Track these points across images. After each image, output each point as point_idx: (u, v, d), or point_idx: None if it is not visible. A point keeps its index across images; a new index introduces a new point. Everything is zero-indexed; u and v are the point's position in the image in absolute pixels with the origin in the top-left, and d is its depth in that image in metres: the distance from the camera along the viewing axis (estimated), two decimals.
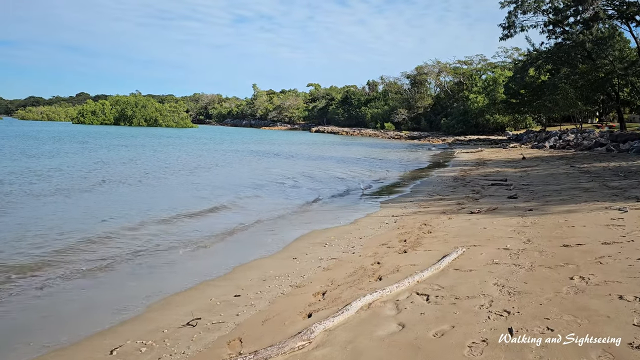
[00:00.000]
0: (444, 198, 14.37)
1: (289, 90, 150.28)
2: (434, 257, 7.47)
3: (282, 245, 9.41)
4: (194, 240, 9.71)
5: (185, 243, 9.46)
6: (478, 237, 8.62)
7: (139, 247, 9.08)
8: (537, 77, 50.15)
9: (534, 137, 46.04)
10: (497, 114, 66.33)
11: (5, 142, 38.54)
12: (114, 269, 7.78)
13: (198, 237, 9.95)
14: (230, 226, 11.11)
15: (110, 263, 8.02)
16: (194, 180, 19.58)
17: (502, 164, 25.74)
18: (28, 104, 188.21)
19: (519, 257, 7.07)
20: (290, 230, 10.78)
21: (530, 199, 12.70)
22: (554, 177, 17.71)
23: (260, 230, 10.89)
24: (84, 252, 8.64)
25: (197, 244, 9.44)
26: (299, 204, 14.51)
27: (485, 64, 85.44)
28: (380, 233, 9.87)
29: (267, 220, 11.99)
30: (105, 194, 15.41)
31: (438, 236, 8.99)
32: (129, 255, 8.53)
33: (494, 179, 18.30)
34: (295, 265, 7.79)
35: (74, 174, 19.82)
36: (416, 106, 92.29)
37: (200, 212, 12.66)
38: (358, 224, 11.18)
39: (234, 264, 8.11)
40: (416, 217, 11.37)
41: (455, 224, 10.02)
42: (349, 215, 12.56)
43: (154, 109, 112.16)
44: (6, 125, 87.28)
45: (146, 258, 8.43)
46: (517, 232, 8.78)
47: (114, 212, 12.33)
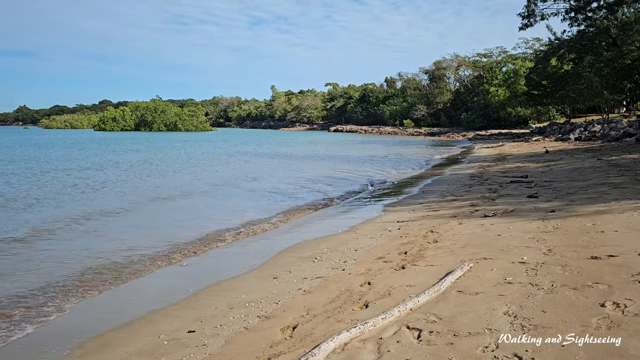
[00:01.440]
0: (457, 199, 13.10)
1: (307, 91, 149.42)
2: (436, 274, 6.28)
3: (266, 259, 8.31)
4: (166, 253, 8.66)
5: (156, 258, 8.40)
6: (490, 247, 7.39)
7: (94, 264, 8.03)
8: (560, 67, 48.16)
9: (558, 130, 44.20)
10: (519, 106, 64.30)
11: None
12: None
13: (171, 249, 8.91)
14: (213, 235, 10.05)
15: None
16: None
17: (524, 158, 24.24)
18: (53, 112, 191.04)
19: (537, 274, 5.84)
20: (279, 241, 9.67)
21: (553, 198, 11.37)
22: (580, 172, 16.27)
23: (245, 241, 9.80)
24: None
25: (171, 259, 8.39)
26: (297, 208, 13.38)
27: (505, 56, 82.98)
28: (380, 243, 8.69)
29: (255, 228, 10.91)
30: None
31: (444, 246, 7.78)
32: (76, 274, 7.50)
33: (513, 176, 16.93)
34: (273, 287, 6.67)
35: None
36: (435, 102, 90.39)
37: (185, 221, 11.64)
38: (358, 231, 10.01)
39: (204, 284, 7.04)
40: (423, 222, 10.15)
41: (465, 231, 8.79)
42: (349, 221, 11.40)
43: (173, 114, 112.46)
44: (29, 134, 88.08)
45: (104, 275, 7.41)
46: (537, 239, 7.53)
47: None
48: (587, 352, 3.78)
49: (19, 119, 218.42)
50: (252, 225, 11.21)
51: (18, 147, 45.62)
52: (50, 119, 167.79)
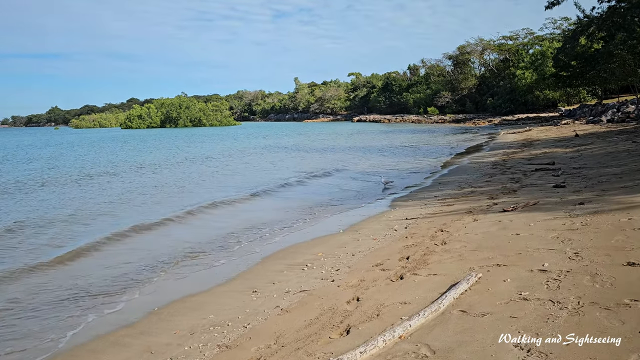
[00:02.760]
0: (476, 190, 11.94)
1: (331, 81, 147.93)
2: (438, 286, 5.26)
3: (251, 266, 7.39)
4: (153, 264, 7.79)
5: (128, 276, 7.53)
6: (505, 249, 6.31)
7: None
8: (589, 46, 45.83)
9: (589, 112, 42.17)
10: (547, 89, 61.86)
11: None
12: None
13: (156, 256, 8.04)
14: (206, 236, 9.17)
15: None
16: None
17: (552, 143, 22.78)
18: (83, 112, 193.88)
19: (560, 287, 4.77)
20: (273, 243, 8.73)
21: (582, 188, 10.15)
22: (613, 157, 14.89)
23: (238, 240, 8.87)
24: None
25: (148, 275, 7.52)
26: (302, 205, 12.42)
27: (532, 37, 79.95)
28: (381, 246, 7.67)
29: (254, 227, 10.00)
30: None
31: (453, 249, 6.72)
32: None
33: (539, 163, 15.64)
34: (248, 304, 5.73)
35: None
36: (460, 88, 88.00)
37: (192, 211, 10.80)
38: (360, 231, 8.99)
39: (170, 298, 6.15)
40: (433, 220, 9.07)
41: (479, 229, 7.70)
42: (354, 218, 10.39)
43: (197, 110, 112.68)
44: (57, 134, 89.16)
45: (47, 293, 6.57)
46: (561, 239, 6.41)
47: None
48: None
49: (51, 120, 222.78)
50: (247, 225, 10.32)
51: (43, 147, 45.71)
52: (79, 119, 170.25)
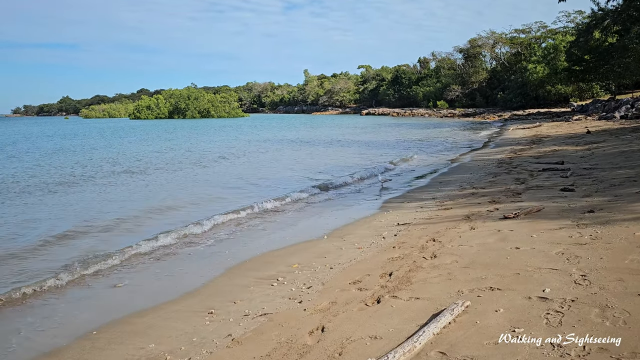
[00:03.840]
0: (477, 192, 11.08)
1: (340, 74, 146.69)
2: (418, 315, 4.47)
3: (214, 276, 6.63)
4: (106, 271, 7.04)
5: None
6: (502, 268, 5.49)
7: None
8: (604, 40, 44.56)
9: (602, 107, 40.87)
10: (559, 84, 60.54)
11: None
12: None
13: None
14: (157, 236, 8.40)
15: None
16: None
17: (562, 140, 21.78)
18: (94, 102, 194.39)
19: (563, 323, 3.95)
20: (243, 247, 7.97)
21: (593, 192, 9.26)
22: (627, 157, 13.94)
23: (201, 247, 8.07)
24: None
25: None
26: (287, 202, 11.63)
27: (545, 31, 78.29)
28: (365, 257, 6.86)
29: (224, 227, 9.23)
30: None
31: (442, 265, 5.90)
32: None
33: (547, 162, 14.72)
34: (198, 329, 4.95)
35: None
36: (470, 81, 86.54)
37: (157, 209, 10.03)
38: (346, 237, 8.18)
39: (109, 318, 5.39)
40: (427, 226, 8.23)
41: (476, 240, 6.87)
42: (342, 221, 9.57)
43: (206, 101, 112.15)
44: (66, 124, 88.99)
45: None
46: (567, 257, 5.58)
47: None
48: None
49: (62, 110, 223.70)
50: (221, 222, 9.58)
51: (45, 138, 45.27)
52: (89, 109, 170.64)
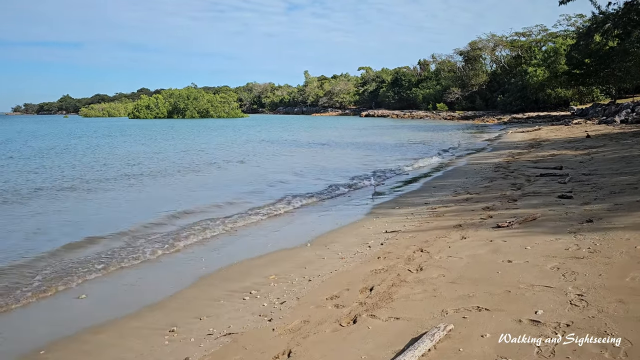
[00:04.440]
0: (471, 198, 10.62)
1: (340, 75, 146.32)
2: (396, 339, 4.01)
3: (183, 286, 6.17)
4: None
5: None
6: (492, 284, 5.03)
7: None
8: (604, 44, 44.08)
9: (602, 111, 40.47)
10: (559, 87, 60.17)
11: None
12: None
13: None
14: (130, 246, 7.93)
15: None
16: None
17: (561, 144, 21.33)
18: (94, 101, 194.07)
19: (556, 352, 3.50)
20: (218, 254, 7.49)
21: (592, 200, 8.80)
22: (627, 162, 13.50)
23: (180, 254, 7.61)
24: None
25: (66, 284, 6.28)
26: (272, 207, 11.15)
27: (545, 34, 77.90)
28: (347, 269, 6.40)
29: (212, 221, 8.76)
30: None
31: (428, 280, 5.45)
32: None
33: (545, 167, 14.27)
34: (155, 351, 4.47)
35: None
36: (470, 84, 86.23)
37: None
38: (330, 246, 7.71)
39: (62, 332, 4.92)
40: (416, 235, 7.77)
41: (466, 251, 6.41)
42: (329, 226, 9.11)
43: (205, 101, 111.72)
44: (64, 123, 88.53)
45: None
46: (563, 272, 5.13)
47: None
48: None
49: (63, 108, 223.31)
50: (195, 227, 9.12)
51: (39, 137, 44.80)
52: (89, 107, 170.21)
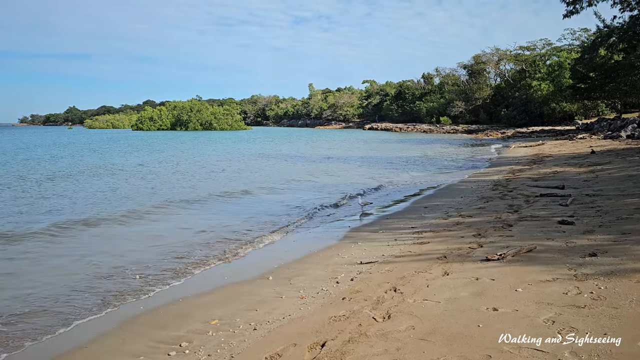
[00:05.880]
0: (463, 222, 9.61)
1: (345, 88, 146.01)
2: None
3: (96, 333, 5.18)
4: None
5: None
6: (469, 342, 4.03)
7: None
8: (610, 57, 43.22)
9: (607, 126, 39.43)
10: (564, 101, 59.19)
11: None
12: None
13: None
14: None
15: None
16: None
17: (564, 161, 20.30)
18: (100, 113, 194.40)
19: None
20: (158, 293, 6.48)
21: (596, 226, 7.78)
22: (635, 182, 12.45)
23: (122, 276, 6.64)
24: None
25: None
26: (252, 228, 10.17)
27: (550, 48, 77.07)
28: (302, 314, 5.39)
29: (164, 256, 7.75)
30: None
31: (393, 333, 4.44)
32: None
33: (546, 186, 13.24)
34: None
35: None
36: (474, 98, 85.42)
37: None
38: (294, 279, 6.71)
39: None
40: (394, 268, 6.76)
41: (445, 292, 5.40)
42: (299, 253, 8.14)
43: (208, 113, 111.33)
44: (66, 134, 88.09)
45: None
46: (559, 327, 4.12)
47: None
48: None
49: (69, 120, 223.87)
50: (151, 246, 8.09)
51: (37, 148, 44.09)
52: (93, 119, 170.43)
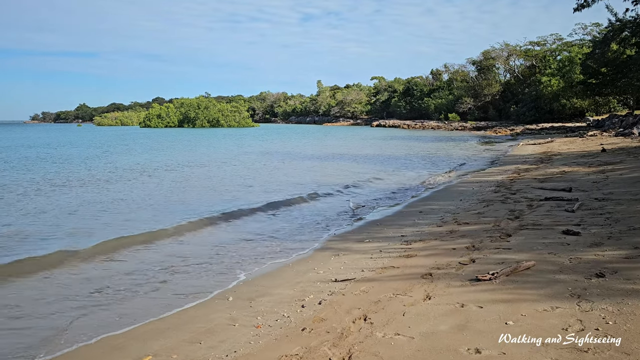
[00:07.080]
0: (457, 230, 8.72)
1: (353, 85, 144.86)
2: None
3: None
4: None
5: None
6: None
7: None
8: (622, 52, 41.96)
9: (619, 123, 38.20)
10: (575, 97, 57.92)
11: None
12: None
13: None
14: None
15: None
16: None
17: (573, 160, 19.29)
18: (110, 110, 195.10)
19: None
20: (91, 321, 5.64)
21: (605, 238, 6.88)
22: None
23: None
24: None
25: None
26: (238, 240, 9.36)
27: (560, 43, 75.44)
28: (251, 350, 4.54)
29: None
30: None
31: None
32: None
33: (552, 188, 12.30)
34: None
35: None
36: (483, 94, 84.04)
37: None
38: (255, 301, 5.87)
39: None
40: (371, 287, 5.91)
41: (422, 324, 4.54)
42: (270, 267, 7.31)
43: (216, 110, 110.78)
44: (74, 132, 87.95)
45: None
46: None
47: None
48: None
49: (79, 117, 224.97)
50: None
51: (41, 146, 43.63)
52: (102, 116, 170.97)
